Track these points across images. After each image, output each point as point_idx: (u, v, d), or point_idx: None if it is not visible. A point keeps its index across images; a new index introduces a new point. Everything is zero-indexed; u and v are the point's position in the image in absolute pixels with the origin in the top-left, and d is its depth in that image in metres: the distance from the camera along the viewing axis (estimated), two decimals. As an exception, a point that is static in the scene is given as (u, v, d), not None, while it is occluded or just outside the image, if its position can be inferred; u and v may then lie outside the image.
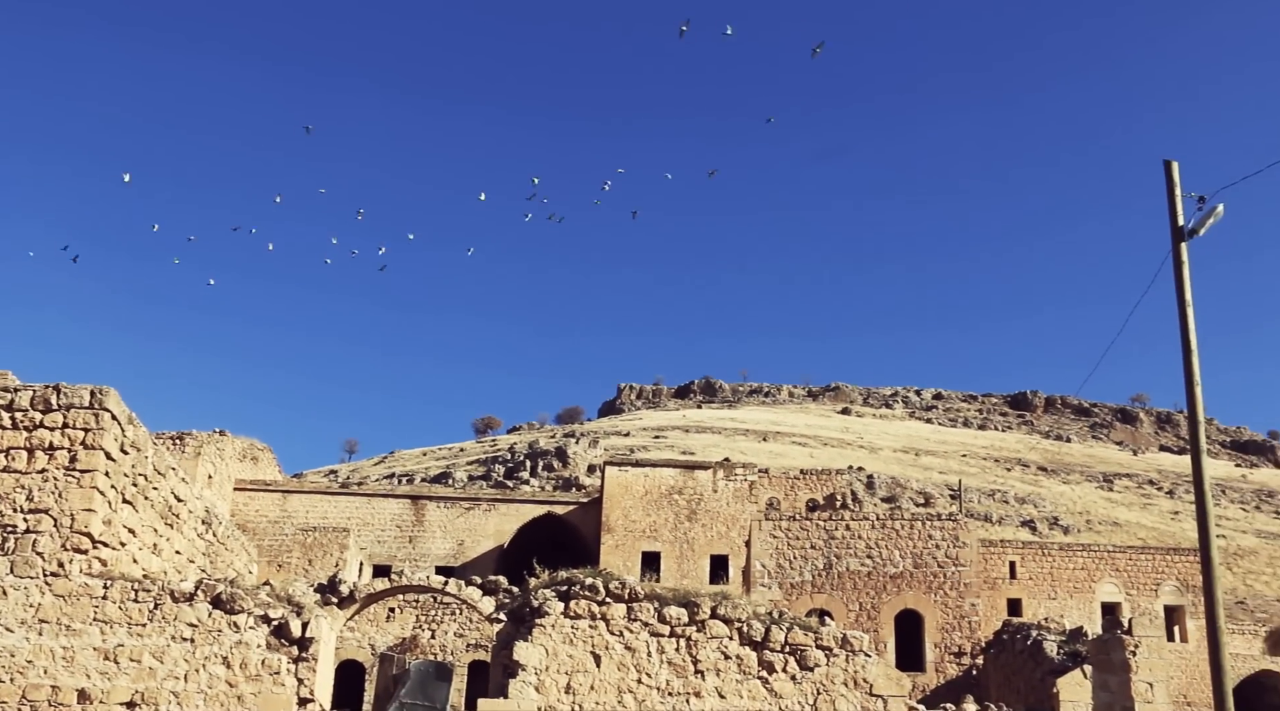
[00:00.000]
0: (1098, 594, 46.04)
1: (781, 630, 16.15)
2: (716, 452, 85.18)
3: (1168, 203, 15.75)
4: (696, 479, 43.76)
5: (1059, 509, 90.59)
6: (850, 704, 15.86)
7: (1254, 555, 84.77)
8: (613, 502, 43.58)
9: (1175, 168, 15.88)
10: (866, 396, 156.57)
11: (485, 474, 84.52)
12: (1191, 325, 15.50)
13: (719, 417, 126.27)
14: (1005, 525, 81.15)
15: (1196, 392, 15.72)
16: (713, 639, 15.99)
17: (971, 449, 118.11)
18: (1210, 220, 15.13)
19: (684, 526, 42.98)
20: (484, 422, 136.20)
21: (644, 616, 15.95)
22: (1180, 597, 46.14)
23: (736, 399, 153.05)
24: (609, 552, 42.40)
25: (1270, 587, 77.33)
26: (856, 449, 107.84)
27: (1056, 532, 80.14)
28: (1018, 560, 46.73)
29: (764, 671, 15.92)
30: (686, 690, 15.68)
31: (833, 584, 40.19)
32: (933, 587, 40.23)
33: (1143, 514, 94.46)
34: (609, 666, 15.64)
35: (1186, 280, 15.65)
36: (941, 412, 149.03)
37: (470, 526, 46.67)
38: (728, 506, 42.87)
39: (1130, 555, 48.40)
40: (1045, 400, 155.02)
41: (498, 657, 16.31)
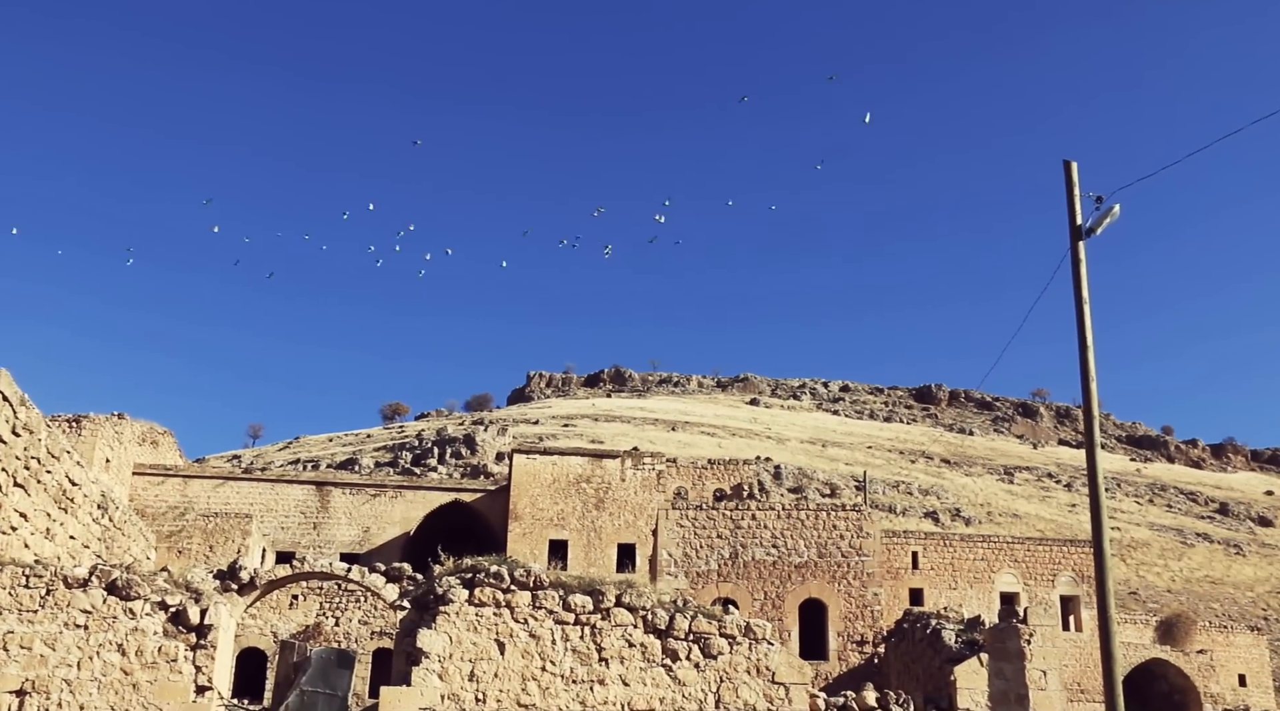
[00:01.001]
0: (997, 584, 47.00)
1: (686, 618, 16.27)
2: (625, 442, 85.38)
3: (1067, 202, 16.13)
4: (605, 468, 43.83)
5: (961, 501, 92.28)
6: (753, 691, 16.03)
7: (1146, 547, 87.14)
8: (520, 490, 43.51)
9: (1075, 168, 16.26)
10: (775, 388, 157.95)
11: (392, 461, 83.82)
12: (1088, 322, 15.90)
13: (628, 407, 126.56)
14: (909, 516, 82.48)
15: (1092, 388, 16.14)
16: (617, 627, 16.06)
17: (877, 441, 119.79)
18: (1107, 220, 15.52)
19: (592, 515, 43.05)
20: (392, 409, 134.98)
21: (549, 604, 15.97)
22: (1076, 588, 47.26)
23: (646, 388, 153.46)
24: (516, 541, 42.34)
25: (1162, 579, 79.58)
26: (764, 440, 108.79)
27: (958, 524, 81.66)
28: (920, 550, 47.54)
29: (668, 659, 16.03)
30: (591, 677, 15.75)
31: (738, 573, 40.54)
32: (837, 577, 40.77)
33: (1041, 506, 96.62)
34: (513, 654, 15.65)
35: (1084, 278, 16.04)
36: (848, 405, 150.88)
37: (376, 513, 46.28)
38: (635, 495, 43.02)
39: (1028, 546, 49.48)
40: (949, 394, 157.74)
41: (401, 645, 16.23)
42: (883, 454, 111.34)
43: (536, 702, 15.47)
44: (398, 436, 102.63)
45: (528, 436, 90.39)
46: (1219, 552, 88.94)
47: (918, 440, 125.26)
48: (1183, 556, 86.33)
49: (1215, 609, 71.25)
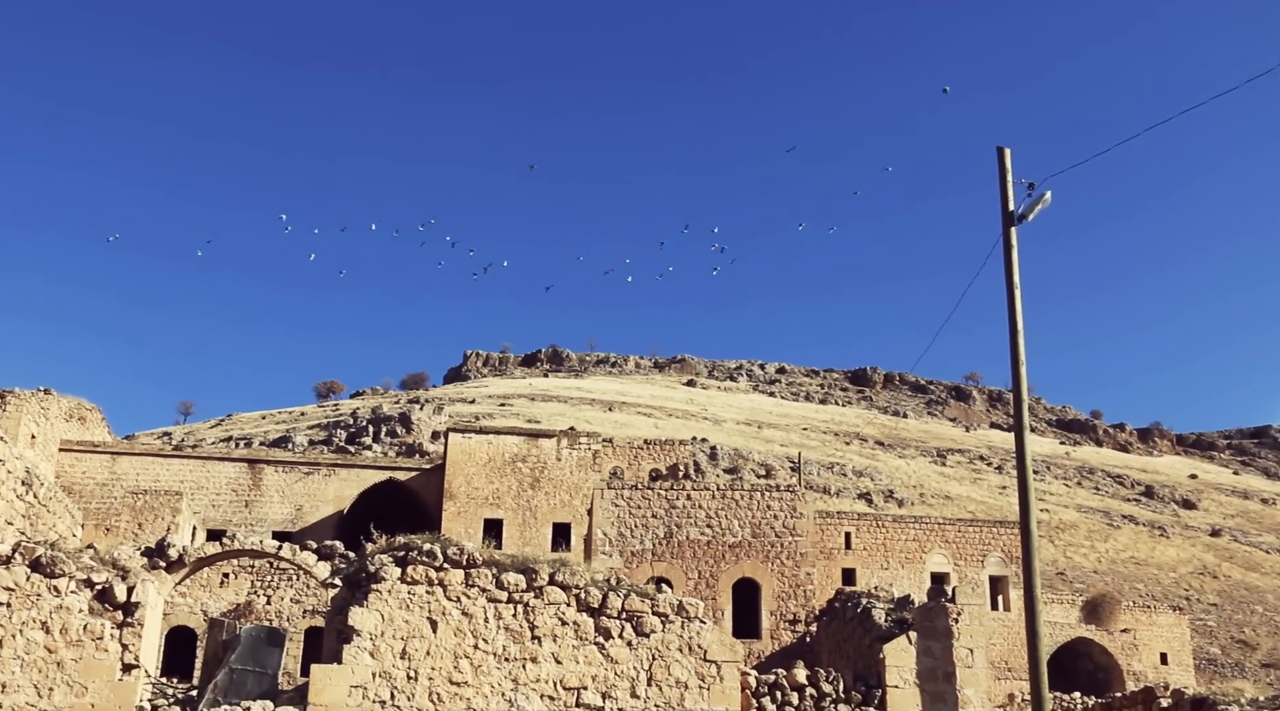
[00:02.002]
0: (928, 564, 47.61)
1: (619, 597, 16.33)
2: (562, 421, 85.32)
3: (999, 188, 16.32)
4: (541, 447, 43.80)
5: (895, 482, 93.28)
6: (685, 669, 16.14)
7: (1074, 528, 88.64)
8: (456, 469, 43.35)
9: (1008, 154, 16.45)
10: (712, 369, 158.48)
11: (327, 439, 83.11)
12: (1019, 306, 16.12)
13: (565, 387, 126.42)
14: (843, 497, 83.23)
15: (1022, 372, 16.37)
16: (550, 605, 16.09)
17: (812, 422, 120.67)
18: (1039, 206, 15.72)
19: (527, 494, 43.01)
20: (326, 387, 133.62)
21: (482, 582, 15.96)
22: (1005, 568, 47.98)
23: (583, 368, 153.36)
24: (451, 519, 42.20)
25: (1088, 560, 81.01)
26: (701, 420, 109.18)
27: (891, 505, 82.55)
28: (853, 531, 48.03)
29: (600, 637, 16.08)
30: (523, 655, 15.76)
31: (673, 552, 40.70)
32: (770, 557, 41.06)
33: (973, 488, 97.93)
34: (445, 632, 15.62)
35: (1015, 263, 16.25)
36: (784, 386, 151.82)
37: (309, 491, 45.88)
38: (571, 475, 43.04)
39: (959, 527, 50.16)
40: (884, 376, 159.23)
41: (332, 623, 16.14)
42: (818, 435, 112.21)
43: (469, 680, 15.46)
44: (332, 414, 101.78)
45: (464, 415, 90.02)
46: (1144, 534, 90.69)
47: (852, 422, 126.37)
48: (1109, 538, 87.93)
49: (1139, 589, 72.70)
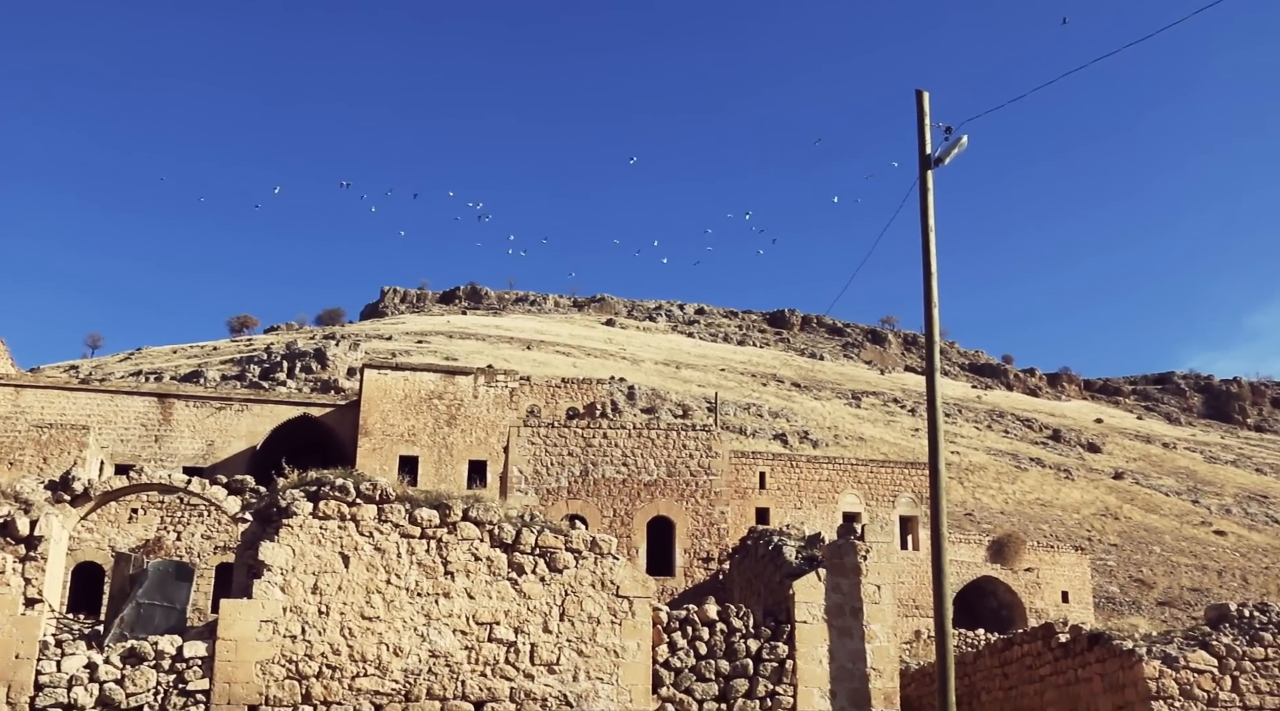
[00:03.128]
0: (840, 504, 48.33)
1: (532, 533, 16.36)
2: (480, 359, 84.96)
3: (917, 131, 16.41)
4: (458, 384, 43.58)
5: (810, 423, 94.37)
6: (597, 604, 16.25)
7: (983, 470, 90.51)
8: (371, 406, 43.03)
9: (926, 98, 16.53)
10: (631, 309, 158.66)
11: (240, 374, 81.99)
12: (933, 250, 16.29)
13: (484, 324, 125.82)
14: (759, 438, 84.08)
15: (934, 314, 16.57)
16: (464, 541, 16.07)
17: (730, 364, 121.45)
18: (955, 150, 15.85)
19: (443, 431, 42.84)
20: (240, 321, 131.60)
21: (395, 518, 15.89)
22: (915, 509, 48.85)
23: (502, 306, 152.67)
24: (366, 456, 41.95)
25: (996, 501, 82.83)
26: (619, 360, 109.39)
27: (806, 446, 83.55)
28: (768, 471, 48.56)
29: (514, 573, 16.12)
30: (436, 591, 15.76)
31: (588, 490, 40.83)
32: (685, 496, 41.37)
33: (886, 430, 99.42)
34: (358, 567, 15.56)
35: (931, 207, 16.40)
36: (703, 327, 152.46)
37: (221, 427, 45.27)
38: (488, 412, 42.93)
39: (871, 468, 50.92)
40: (802, 319, 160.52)
41: (242, 558, 15.99)
42: (735, 376, 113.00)
43: (381, 615, 15.44)
44: (246, 350, 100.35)
45: (381, 352, 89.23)
46: (1050, 477, 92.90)
47: (770, 364, 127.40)
48: (1016, 479, 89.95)
49: (1044, 530, 74.53)
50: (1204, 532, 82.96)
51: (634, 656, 16.21)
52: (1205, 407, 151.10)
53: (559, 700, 15.69)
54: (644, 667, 16.27)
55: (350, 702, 15.02)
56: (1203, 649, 17.54)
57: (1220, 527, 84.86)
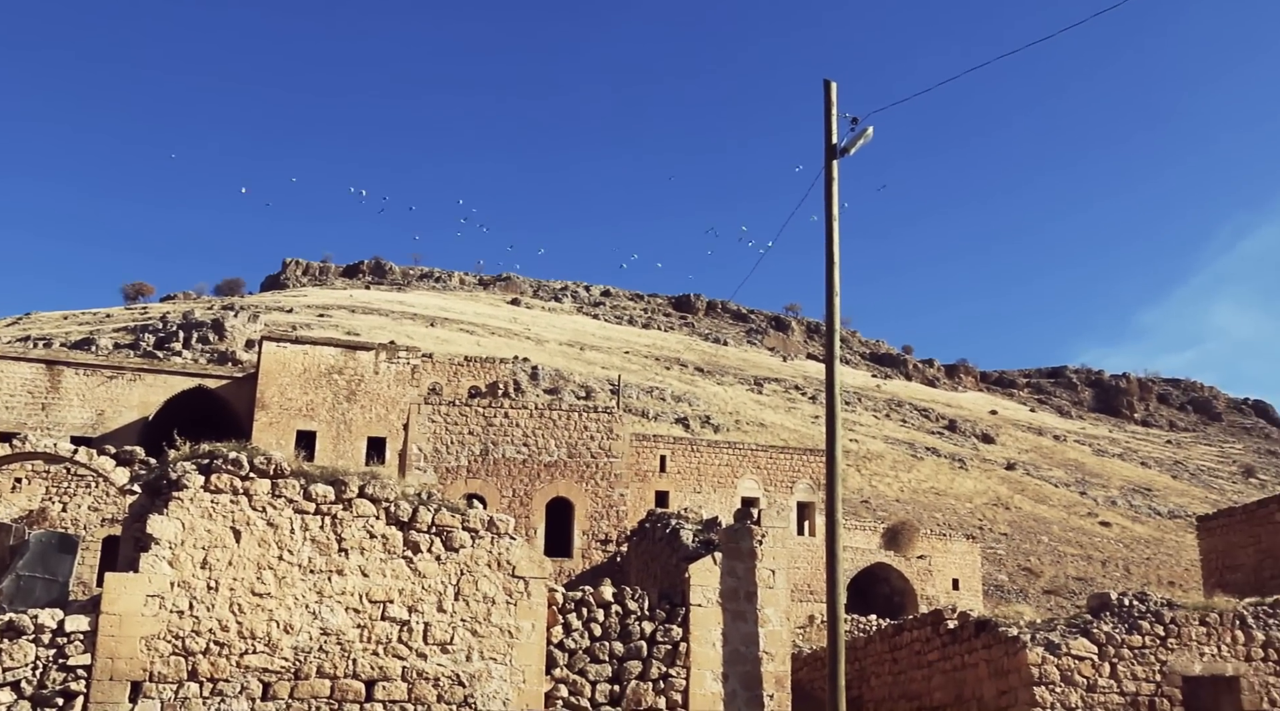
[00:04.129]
0: (739, 488, 48.68)
1: (429, 511, 16.23)
2: (382, 335, 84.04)
3: (824, 121, 16.53)
4: (358, 359, 43.05)
5: (712, 408, 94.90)
6: (493, 584, 16.18)
7: (880, 459, 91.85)
8: (269, 379, 42.32)
9: (834, 88, 16.65)
10: (537, 289, 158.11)
11: (134, 343, 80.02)
12: (836, 239, 16.44)
13: (387, 300, 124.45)
14: (661, 421, 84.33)
15: (835, 303, 16.73)
16: (359, 518, 15.89)
17: (634, 346, 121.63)
18: (861, 141, 15.99)
19: (342, 407, 42.31)
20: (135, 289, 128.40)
21: (289, 493, 15.65)
22: (813, 495, 49.39)
23: (407, 282, 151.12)
24: (262, 430, 41.26)
25: (892, 489, 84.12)
26: (523, 340, 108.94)
27: (708, 431, 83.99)
28: (668, 454, 48.76)
29: (409, 551, 15.98)
30: (329, 567, 15.57)
31: (488, 470, 40.70)
32: (585, 477, 41.43)
33: (787, 417, 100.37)
34: (249, 542, 15.30)
35: (835, 196, 16.54)
36: (609, 309, 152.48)
37: (112, 396, 44.15)
38: (389, 389, 42.47)
39: (771, 454, 51.37)
40: (707, 304, 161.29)
41: (130, 531, 15.64)
42: (639, 360, 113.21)
43: (272, 591, 15.21)
44: (140, 318, 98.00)
45: (281, 325, 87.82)
46: (945, 466, 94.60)
47: (674, 348, 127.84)
48: (912, 468, 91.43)
49: (937, 518, 75.89)
50: (1090, 523, 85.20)
51: (528, 637, 16.19)
52: (1095, 402, 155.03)
53: (451, 680, 15.61)
54: (538, 648, 16.26)
55: (238, 680, 14.78)
56: (1084, 636, 18.01)
57: (1106, 519, 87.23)
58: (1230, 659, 18.34)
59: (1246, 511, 33.58)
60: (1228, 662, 18.32)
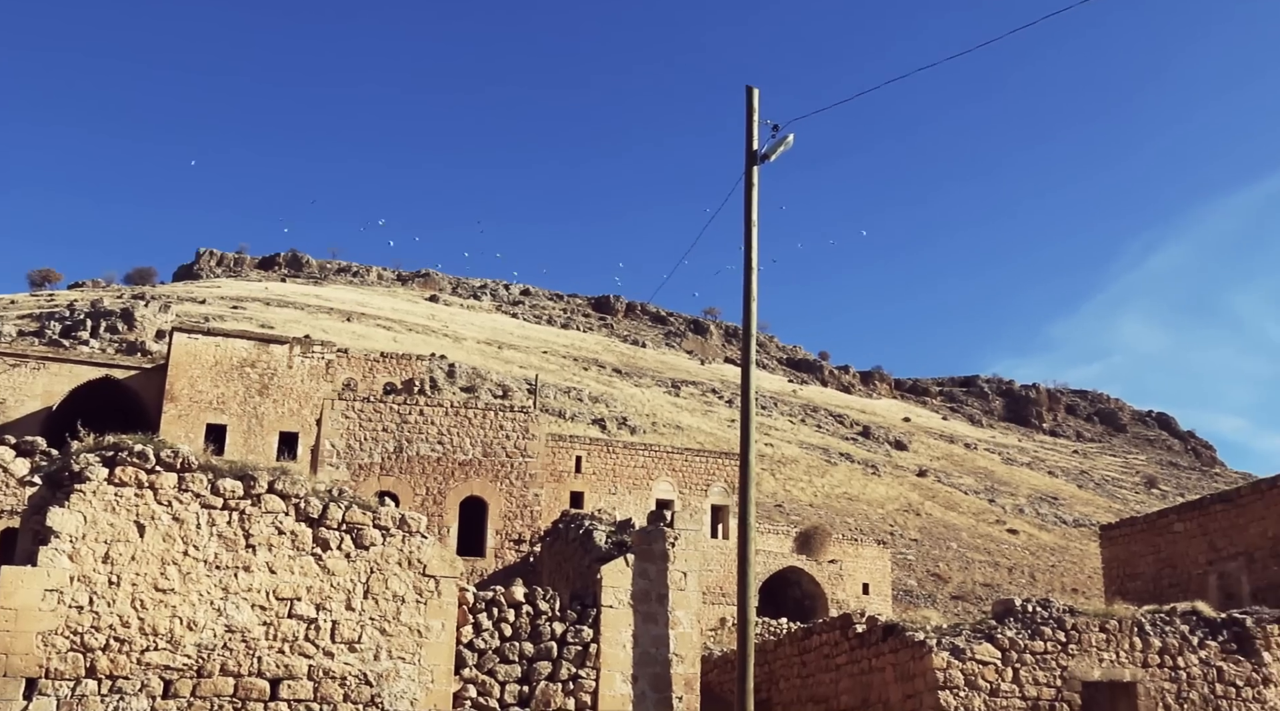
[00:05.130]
0: (654, 491, 48.79)
1: (340, 508, 16.04)
2: (298, 329, 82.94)
3: (745, 127, 16.61)
4: (272, 353, 42.44)
5: (629, 410, 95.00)
6: (403, 583, 16.03)
7: (795, 463, 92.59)
8: (179, 371, 41.55)
9: (756, 94, 16.74)
10: (456, 286, 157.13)
11: (39, 331, 78.10)
12: (755, 244, 16.53)
13: (304, 293, 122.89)
14: (578, 422, 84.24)
15: (752, 307, 16.83)
16: (268, 513, 15.66)
17: (553, 346, 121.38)
18: (781, 147, 16.11)
19: (254, 401, 41.67)
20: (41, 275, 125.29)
21: (196, 487, 15.36)
22: (727, 498, 49.62)
23: (324, 276, 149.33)
24: (171, 423, 40.50)
25: (806, 493, 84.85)
26: (441, 337, 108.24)
27: (624, 432, 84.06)
28: (584, 455, 48.72)
29: (318, 548, 15.78)
30: (236, 564, 15.32)
31: (402, 467, 40.35)
32: (500, 477, 41.25)
33: (704, 420, 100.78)
34: (154, 537, 15.00)
35: (755, 202, 16.63)
36: (528, 308, 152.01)
37: (14, 385, 43.00)
38: (302, 383, 41.92)
39: (686, 456, 51.55)
40: (626, 305, 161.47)
41: (29, 523, 15.25)
42: (557, 360, 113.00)
43: (175, 587, 14.92)
44: (46, 305, 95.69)
45: (193, 316, 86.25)
46: (858, 472, 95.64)
47: (592, 348, 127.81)
48: (826, 473, 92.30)
49: (850, 523, 76.72)
50: (998, 531, 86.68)
51: (438, 636, 16.07)
52: (1005, 411, 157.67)
53: (358, 679, 15.44)
54: (447, 648, 16.15)
55: (138, 677, 14.48)
56: (988, 641, 18.30)
57: (1013, 526, 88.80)
58: (1128, 665, 18.75)
59: (1147, 521, 34.37)
60: (1125, 668, 18.72)
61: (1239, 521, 29.50)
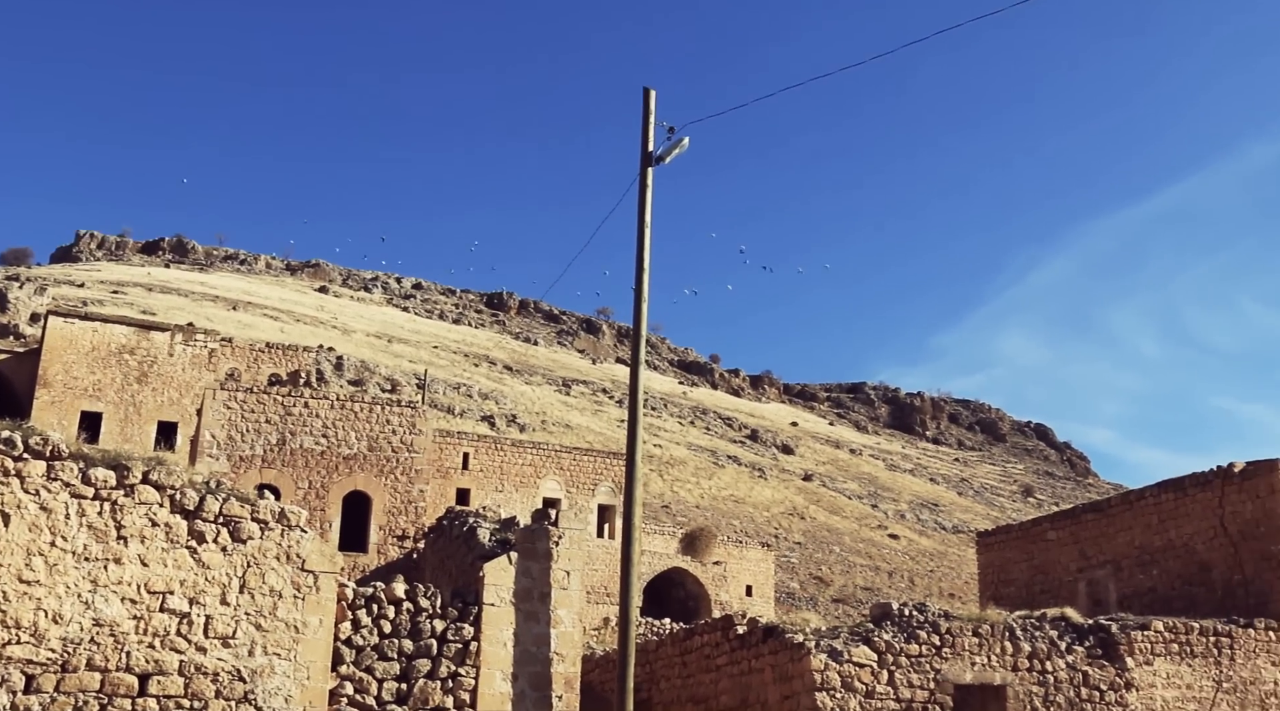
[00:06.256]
0: (542, 489, 48.67)
1: (217, 500, 15.67)
2: (181, 316, 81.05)
3: (641, 128, 16.64)
4: (152, 340, 41.37)
5: (519, 408, 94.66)
6: (280, 577, 15.73)
7: (683, 465, 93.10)
8: (53, 355, 40.31)
9: (653, 96, 16.79)
10: (346, 277, 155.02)
11: (-95, 310, 75.34)
12: (647, 245, 16.56)
13: (188, 280, 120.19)
14: (467, 418, 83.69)
15: (643, 307, 16.86)
16: (142, 504, 15.23)
17: (444, 341, 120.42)
18: (676, 150, 16.16)
19: (133, 388, 40.59)
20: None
21: (66, 476, 14.88)
22: (614, 498, 49.68)
23: (210, 263, 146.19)
24: (44, 409, 39.27)
25: (693, 495, 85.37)
26: (330, 329, 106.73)
27: (513, 430, 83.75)
28: (472, 452, 48.40)
29: (194, 541, 15.39)
30: (106, 556, 14.88)
31: (284, 460, 39.63)
32: (385, 472, 40.75)
33: (594, 419, 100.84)
34: (19, 527, 14.50)
35: (649, 203, 16.66)
36: (419, 302, 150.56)
37: (-125, 366, 41.42)
38: (184, 372, 40.97)
39: (574, 455, 51.52)
40: (520, 302, 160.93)
41: (-114, 510, 14.63)
42: (448, 355, 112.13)
43: (41, 579, 14.45)
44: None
45: (70, 299, 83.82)
46: (745, 474, 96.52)
47: (484, 345, 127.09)
48: (713, 475, 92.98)
49: (735, 525, 77.36)
50: (879, 535, 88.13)
51: (315, 632, 15.79)
52: (890, 418, 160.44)
53: (231, 675, 15.11)
54: (324, 644, 15.89)
55: (-1, 671, 13.99)
56: (865, 644, 18.59)
57: (894, 531, 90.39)
58: (999, 668, 19.19)
59: (1022, 529, 35.21)
60: (996, 672, 19.16)
61: (1108, 530, 30.37)
